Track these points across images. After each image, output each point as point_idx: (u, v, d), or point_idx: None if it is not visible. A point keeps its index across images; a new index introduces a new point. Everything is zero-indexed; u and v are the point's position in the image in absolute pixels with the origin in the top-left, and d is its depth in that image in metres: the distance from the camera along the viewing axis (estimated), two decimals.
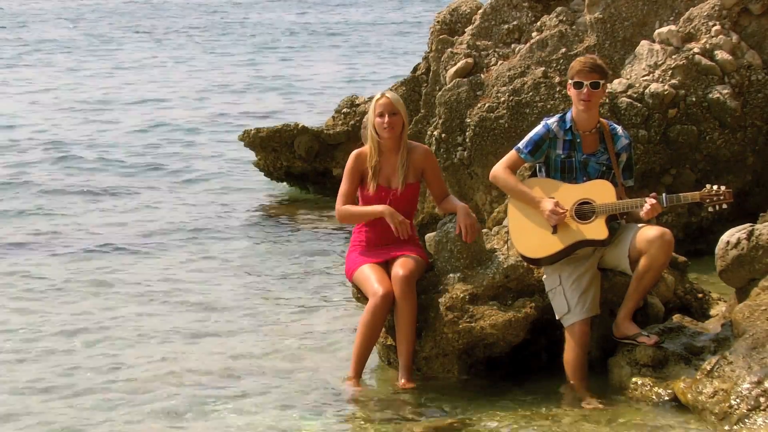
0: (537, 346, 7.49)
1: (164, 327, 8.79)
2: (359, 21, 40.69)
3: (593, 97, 7.13)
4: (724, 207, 7.03)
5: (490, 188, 10.44)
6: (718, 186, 7.05)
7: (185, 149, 17.28)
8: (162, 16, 43.82)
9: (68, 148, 17.11)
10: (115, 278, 10.24)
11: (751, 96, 10.26)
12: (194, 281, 10.19)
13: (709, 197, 7.02)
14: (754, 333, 6.55)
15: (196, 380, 7.60)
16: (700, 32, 10.35)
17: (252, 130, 14.04)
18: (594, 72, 7.10)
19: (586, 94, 7.10)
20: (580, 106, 7.15)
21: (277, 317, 9.12)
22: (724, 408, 6.30)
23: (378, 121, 7.49)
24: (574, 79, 7.14)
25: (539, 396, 7.09)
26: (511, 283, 7.36)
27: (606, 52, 10.50)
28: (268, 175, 14.29)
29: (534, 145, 7.21)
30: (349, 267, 7.59)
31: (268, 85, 24.41)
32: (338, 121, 13.92)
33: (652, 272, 6.97)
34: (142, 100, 22.17)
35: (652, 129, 10.16)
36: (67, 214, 12.92)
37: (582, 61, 7.20)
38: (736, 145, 10.26)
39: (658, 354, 6.95)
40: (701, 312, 7.77)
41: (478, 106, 10.63)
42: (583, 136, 7.19)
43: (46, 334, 8.58)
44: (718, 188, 7.02)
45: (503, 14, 11.30)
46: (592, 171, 7.18)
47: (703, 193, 7.05)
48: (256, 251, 11.41)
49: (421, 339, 7.35)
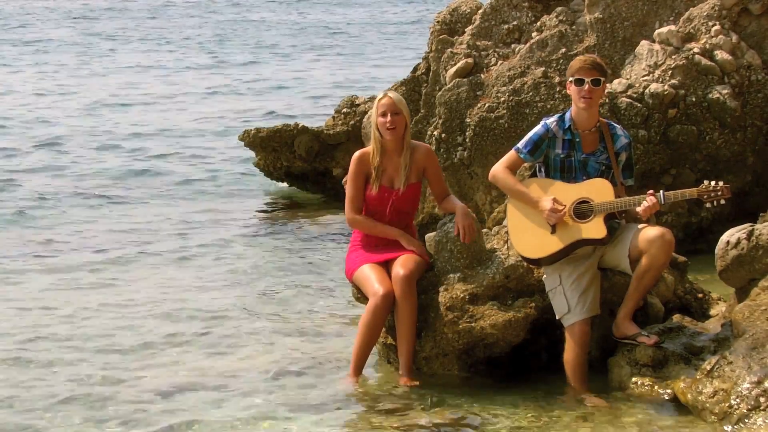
0: (537, 346, 7.49)
1: (164, 328, 8.78)
2: (358, 21, 40.68)
3: (594, 95, 7.12)
4: (722, 203, 7.03)
5: (490, 188, 10.45)
6: (716, 182, 7.04)
7: (185, 149, 17.28)
8: (162, 16, 43.81)
9: (66, 149, 17.14)
10: (114, 279, 10.24)
11: (751, 96, 10.26)
12: (194, 281, 10.19)
13: (706, 193, 7.02)
14: (754, 333, 6.55)
15: (196, 381, 7.59)
16: (700, 32, 10.36)
17: (252, 130, 14.05)
18: (595, 69, 7.10)
19: (587, 90, 7.09)
20: (580, 104, 7.14)
21: (277, 317, 9.12)
22: (724, 408, 6.30)
23: (380, 121, 7.48)
24: (575, 76, 7.13)
25: (539, 395, 7.09)
26: (511, 283, 7.36)
27: (606, 52, 10.50)
28: (268, 175, 14.30)
29: (533, 144, 7.21)
30: (349, 267, 7.59)
31: (269, 86, 24.42)
32: (338, 121, 13.93)
33: (652, 272, 6.97)
34: (139, 101, 22.18)
35: (652, 129, 10.16)
36: (64, 216, 12.92)
37: (582, 59, 7.20)
38: (736, 145, 10.27)
39: (658, 354, 6.96)
40: (701, 312, 7.77)
41: (478, 106, 10.64)
42: (582, 135, 7.19)
43: (46, 340, 8.53)
44: (716, 184, 7.02)
45: (503, 14, 11.31)
46: (591, 170, 7.18)
47: (701, 189, 7.04)
48: (256, 251, 11.41)
49: (421, 339, 7.35)
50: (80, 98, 22.52)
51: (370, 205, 7.56)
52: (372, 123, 7.56)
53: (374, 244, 7.56)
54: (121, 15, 43.73)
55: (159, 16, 43.96)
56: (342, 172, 12.98)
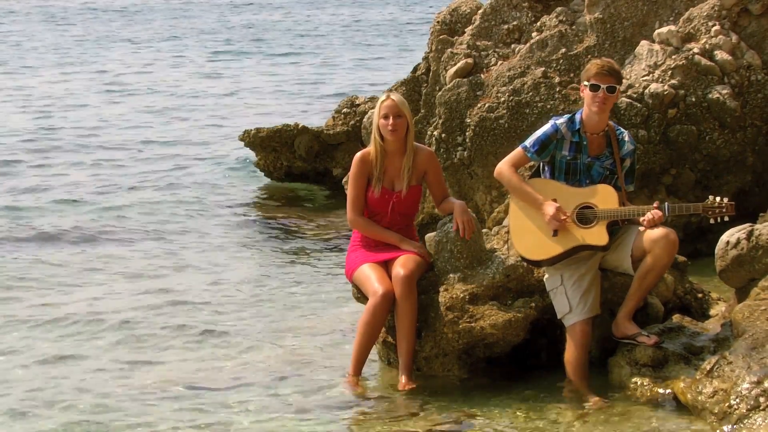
0: (537, 346, 7.49)
1: (164, 328, 8.78)
2: (359, 21, 40.67)
3: (608, 101, 7.12)
4: (726, 219, 7.05)
5: (490, 188, 10.45)
6: (720, 198, 7.06)
7: (185, 149, 17.28)
8: (162, 17, 43.79)
9: (65, 140, 17.17)
10: (113, 279, 10.25)
11: (751, 96, 10.26)
12: (193, 282, 10.19)
13: (711, 209, 7.04)
14: (754, 333, 6.56)
15: (195, 381, 7.59)
16: (700, 32, 10.35)
17: (252, 130, 14.05)
18: (611, 76, 7.09)
19: (601, 97, 7.08)
20: (593, 108, 7.13)
21: (277, 317, 9.12)
22: (724, 408, 6.30)
23: (382, 123, 7.45)
24: (590, 81, 7.10)
25: (540, 395, 7.09)
26: (511, 283, 7.36)
27: (606, 52, 10.50)
28: (268, 175, 14.30)
29: (541, 144, 7.21)
30: (349, 266, 7.59)
31: (269, 85, 24.41)
32: (338, 121, 13.93)
33: (655, 272, 6.98)
34: (136, 100, 22.21)
35: (651, 129, 10.16)
36: (64, 210, 12.93)
37: (599, 64, 7.16)
38: (736, 145, 10.27)
39: (658, 354, 6.96)
40: (701, 312, 7.77)
41: (478, 106, 10.64)
42: (590, 138, 7.18)
43: (49, 338, 8.57)
44: (720, 200, 7.04)
45: (503, 14, 11.30)
46: (595, 174, 7.19)
47: (706, 204, 7.07)
48: (256, 251, 11.41)
49: (421, 339, 7.35)
50: (85, 89, 22.53)
51: (371, 206, 7.55)
52: (373, 124, 7.53)
53: (374, 243, 7.56)
54: (126, 15, 43.72)
55: (160, 15, 43.95)
56: (342, 172, 12.98)
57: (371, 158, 7.51)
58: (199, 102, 22.15)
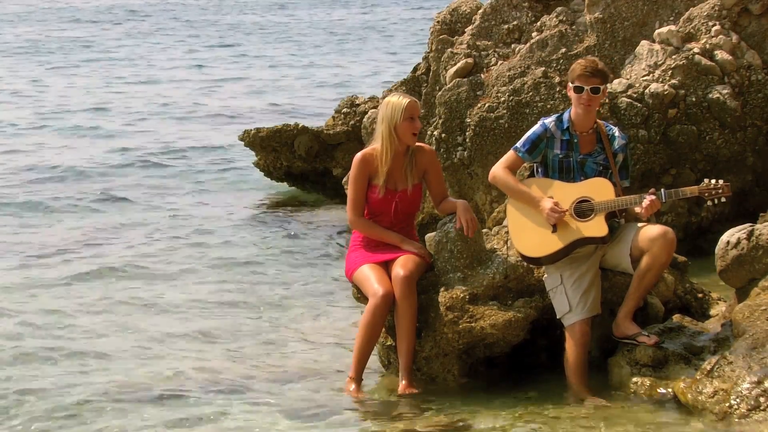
0: (537, 346, 7.49)
1: (164, 328, 8.78)
2: (358, 21, 40.68)
3: (593, 102, 7.16)
4: (723, 200, 7.05)
5: (490, 188, 10.45)
6: (716, 180, 7.07)
7: (184, 149, 17.29)
8: (163, 17, 43.81)
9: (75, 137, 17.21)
10: (113, 279, 10.24)
11: (751, 96, 10.26)
12: (193, 282, 10.18)
13: (707, 191, 7.04)
14: (754, 333, 6.55)
15: (195, 382, 7.58)
16: (700, 32, 10.36)
17: (252, 130, 14.05)
18: (594, 77, 7.12)
19: (585, 99, 7.13)
20: (579, 109, 7.18)
21: (277, 318, 9.12)
22: (724, 408, 6.30)
23: (406, 125, 7.41)
24: (575, 83, 7.15)
25: (539, 395, 7.09)
26: (511, 283, 7.36)
27: (606, 52, 10.50)
28: (268, 175, 14.30)
29: (531, 144, 7.23)
30: (349, 267, 7.58)
31: (269, 85, 24.42)
32: (338, 121, 13.92)
33: (653, 271, 6.98)
34: (143, 100, 22.22)
35: (652, 129, 10.16)
36: (60, 214, 12.93)
37: (583, 65, 7.18)
38: (736, 145, 10.27)
39: (658, 354, 6.96)
40: (701, 312, 7.77)
41: (478, 106, 10.64)
42: (580, 136, 7.21)
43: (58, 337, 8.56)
44: (716, 182, 7.05)
45: (503, 14, 11.30)
46: (589, 171, 7.19)
47: (702, 187, 7.07)
48: (256, 252, 11.41)
49: (421, 339, 7.35)
50: (91, 89, 22.54)
51: (373, 207, 7.52)
52: (386, 125, 7.41)
53: (374, 244, 7.55)
54: (132, 15, 43.75)
55: (160, 16, 43.99)
56: (342, 172, 12.97)
57: (377, 158, 7.47)
58: (200, 102, 22.16)
